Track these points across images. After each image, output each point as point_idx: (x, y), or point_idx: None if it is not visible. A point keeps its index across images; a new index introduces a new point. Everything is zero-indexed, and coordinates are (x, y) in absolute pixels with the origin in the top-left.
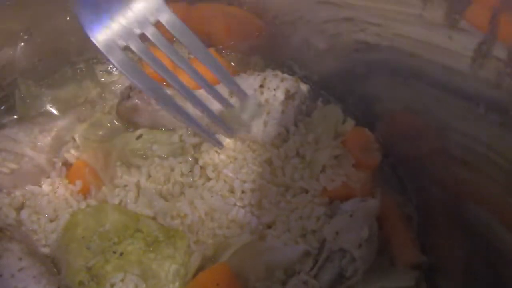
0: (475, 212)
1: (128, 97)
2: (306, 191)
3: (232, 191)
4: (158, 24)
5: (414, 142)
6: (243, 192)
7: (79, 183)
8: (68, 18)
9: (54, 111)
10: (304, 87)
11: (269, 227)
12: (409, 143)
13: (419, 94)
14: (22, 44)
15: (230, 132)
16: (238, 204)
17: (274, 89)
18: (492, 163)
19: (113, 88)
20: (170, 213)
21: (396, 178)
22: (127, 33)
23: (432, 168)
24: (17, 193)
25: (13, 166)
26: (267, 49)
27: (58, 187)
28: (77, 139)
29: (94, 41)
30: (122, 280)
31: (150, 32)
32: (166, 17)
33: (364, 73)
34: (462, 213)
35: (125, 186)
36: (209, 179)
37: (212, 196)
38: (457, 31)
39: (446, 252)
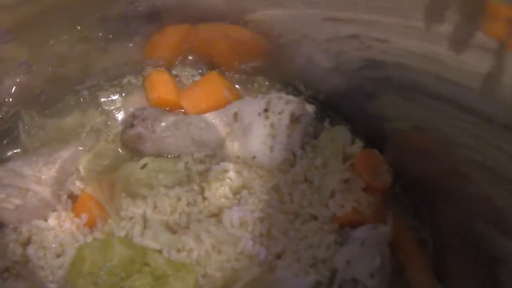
0: (490, 234)
1: (132, 125)
2: (315, 218)
3: (240, 222)
4: None
5: (425, 161)
6: (251, 222)
7: (84, 216)
8: (69, 43)
9: (58, 142)
10: (310, 108)
11: (278, 257)
12: (420, 163)
13: (428, 111)
14: (23, 75)
15: None
16: (246, 235)
17: (279, 113)
18: (502, 179)
19: (117, 115)
20: (175, 246)
21: (408, 201)
22: None
23: (444, 188)
24: (23, 228)
25: (18, 201)
26: (272, 69)
27: (64, 221)
28: (81, 170)
29: None
30: None
31: None
32: None
33: (371, 92)
34: (478, 236)
35: (131, 218)
36: (215, 213)
37: (218, 229)
38: (467, 47)
39: (462, 278)
